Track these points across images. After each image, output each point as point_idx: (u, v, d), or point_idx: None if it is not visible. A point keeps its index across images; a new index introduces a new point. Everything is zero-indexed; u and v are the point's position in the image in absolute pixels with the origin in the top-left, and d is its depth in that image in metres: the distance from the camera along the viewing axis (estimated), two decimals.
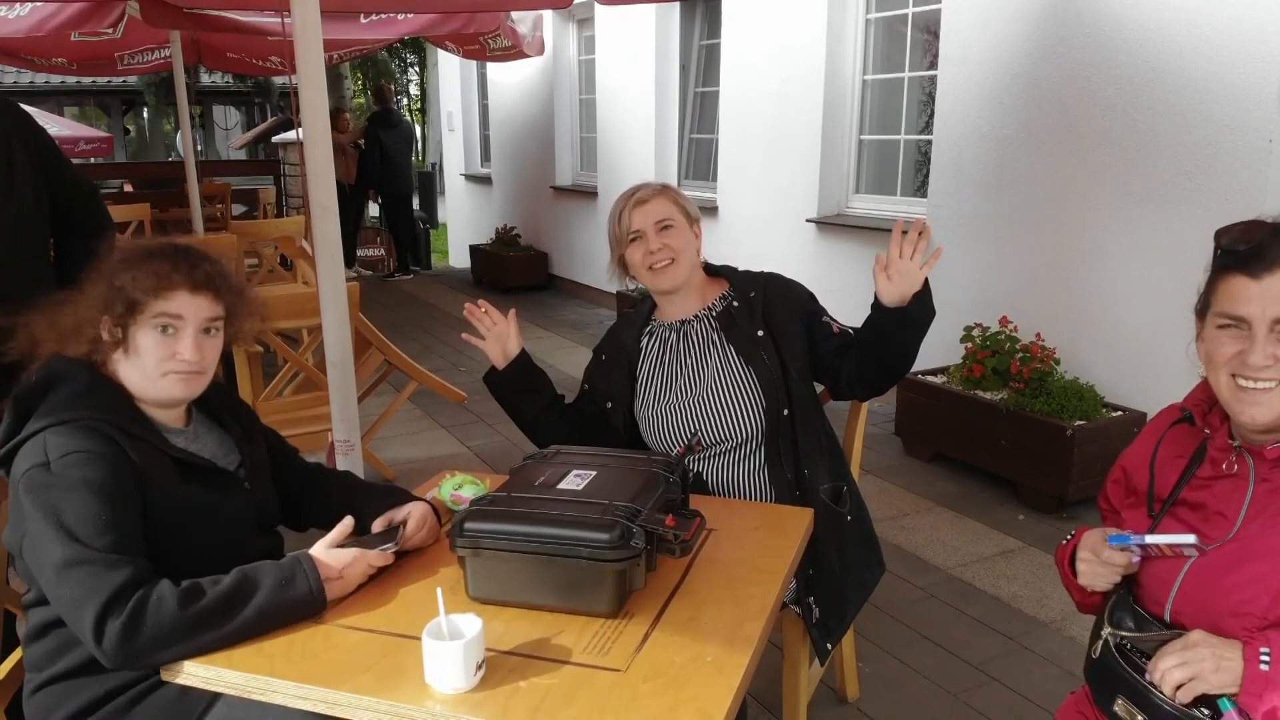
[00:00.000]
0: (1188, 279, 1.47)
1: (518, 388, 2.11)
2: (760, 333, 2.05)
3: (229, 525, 1.57)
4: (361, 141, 9.78)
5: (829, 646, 2.02)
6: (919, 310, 1.89)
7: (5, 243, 2.09)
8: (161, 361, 1.51)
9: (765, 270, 2.20)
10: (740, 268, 2.23)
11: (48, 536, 1.34)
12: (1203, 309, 1.38)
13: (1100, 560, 1.40)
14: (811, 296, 2.14)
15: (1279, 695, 1.17)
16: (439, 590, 1.30)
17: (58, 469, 1.38)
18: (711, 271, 2.19)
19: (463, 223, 11.85)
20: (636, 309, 2.24)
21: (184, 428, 1.61)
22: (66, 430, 1.41)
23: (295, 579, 1.39)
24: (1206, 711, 1.24)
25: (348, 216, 9.90)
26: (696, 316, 2.13)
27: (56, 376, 1.49)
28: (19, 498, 1.40)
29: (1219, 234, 1.36)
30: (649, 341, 2.17)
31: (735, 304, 2.10)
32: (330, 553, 1.48)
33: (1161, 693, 1.26)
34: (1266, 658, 1.19)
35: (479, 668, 1.24)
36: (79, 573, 1.31)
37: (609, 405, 2.14)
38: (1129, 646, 1.35)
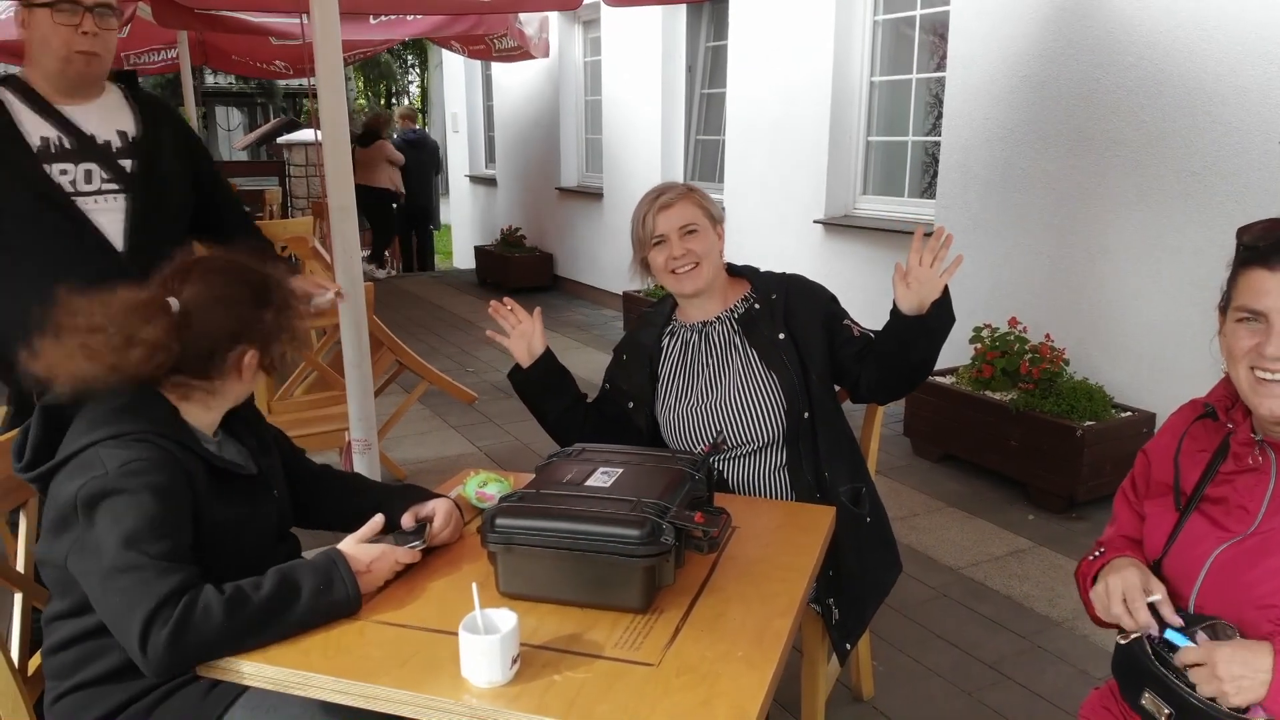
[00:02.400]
0: (1197, 280, 1.50)
1: (543, 386, 2.12)
2: (781, 335, 2.05)
3: (258, 532, 1.58)
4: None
5: (848, 647, 2.03)
6: (938, 318, 1.89)
7: (137, 227, 2.13)
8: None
9: (787, 271, 2.20)
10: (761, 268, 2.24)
11: (104, 541, 1.33)
12: (1225, 305, 1.40)
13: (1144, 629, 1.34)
14: (833, 299, 2.14)
15: None
16: (474, 585, 1.31)
17: (117, 475, 1.36)
18: (733, 272, 2.20)
19: (467, 224, 11.88)
20: (656, 309, 2.25)
21: (213, 438, 1.62)
22: (121, 443, 1.39)
23: (333, 583, 1.40)
24: (1229, 706, 1.26)
25: (386, 223, 10.34)
26: (718, 318, 2.13)
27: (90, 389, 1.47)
28: (67, 513, 1.38)
29: (1241, 231, 1.38)
30: (670, 342, 2.17)
31: (757, 306, 2.11)
32: (359, 547, 1.50)
33: (1187, 682, 1.28)
34: None
35: (514, 662, 1.25)
36: (128, 579, 1.31)
37: (630, 405, 2.15)
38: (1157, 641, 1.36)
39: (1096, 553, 1.52)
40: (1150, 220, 3.95)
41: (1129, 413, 3.93)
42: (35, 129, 2.08)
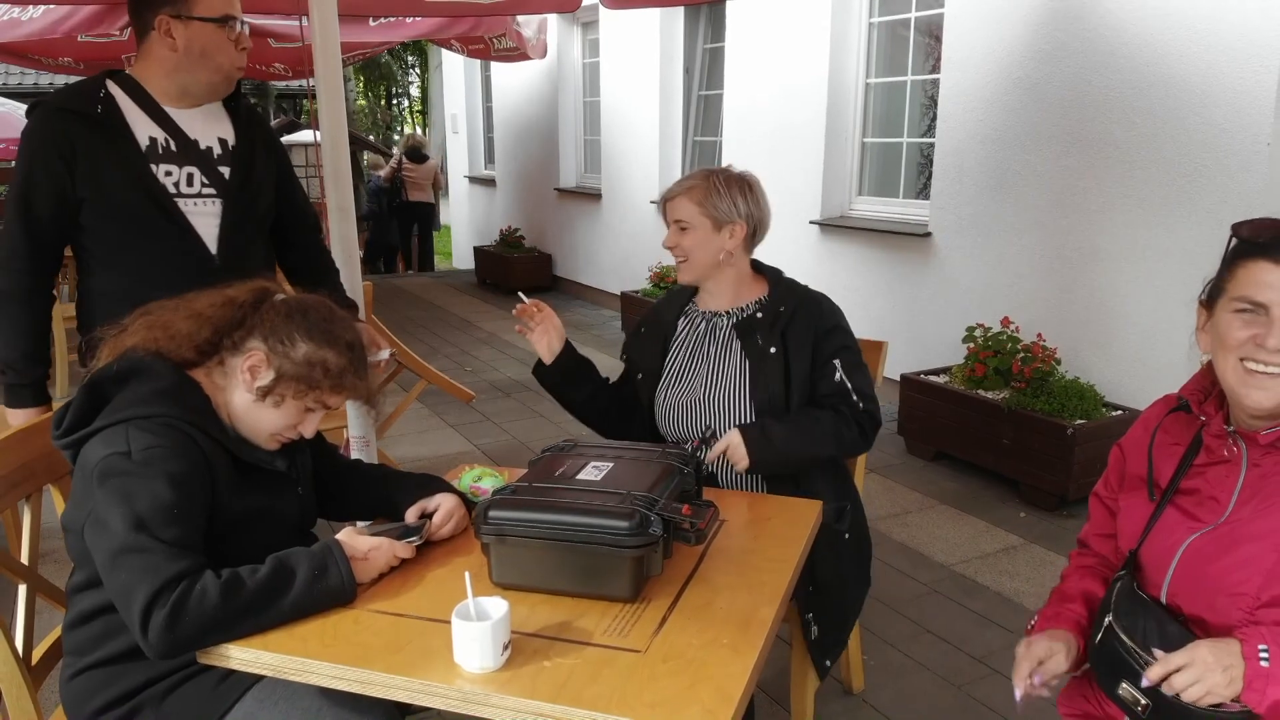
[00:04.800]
0: (1187, 280, 1.51)
1: (565, 378, 2.20)
2: (773, 349, 2.07)
3: (278, 528, 1.61)
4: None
5: (828, 664, 2.08)
6: (767, 465, 1.99)
7: (229, 232, 2.18)
8: (286, 428, 1.58)
9: (812, 288, 2.20)
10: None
11: (115, 520, 1.37)
12: (1212, 297, 1.40)
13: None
14: (835, 329, 2.11)
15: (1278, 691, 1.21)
16: (467, 574, 1.35)
17: (139, 459, 1.40)
18: (758, 270, 2.22)
19: (467, 224, 11.92)
20: (683, 288, 2.30)
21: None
22: (150, 425, 1.44)
23: (328, 569, 1.44)
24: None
25: (428, 234, 11.26)
26: (727, 313, 2.17)
27: (137, 369, 1.52)
28: (89, 481, 1.42)
29: (1238, 226, 1.37)
30: (684, 323, 2.23)
31: (759, 315, 2.13)
32: (358, 537, 1.54)
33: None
34: (1265, 654, 1.23)
35: (505, 648, 1.29)
36: (137, 559, 1.35)
37: (640, 377, 2.22)
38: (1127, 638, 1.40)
39: (1031, 623, 1.58)
40: (1141, 221, 3.99)
41: (1120, 411, 3.97)
42: (144, 129, 2.12)
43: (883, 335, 2.82)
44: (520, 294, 2.21)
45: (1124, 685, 1.39)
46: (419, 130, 19.86)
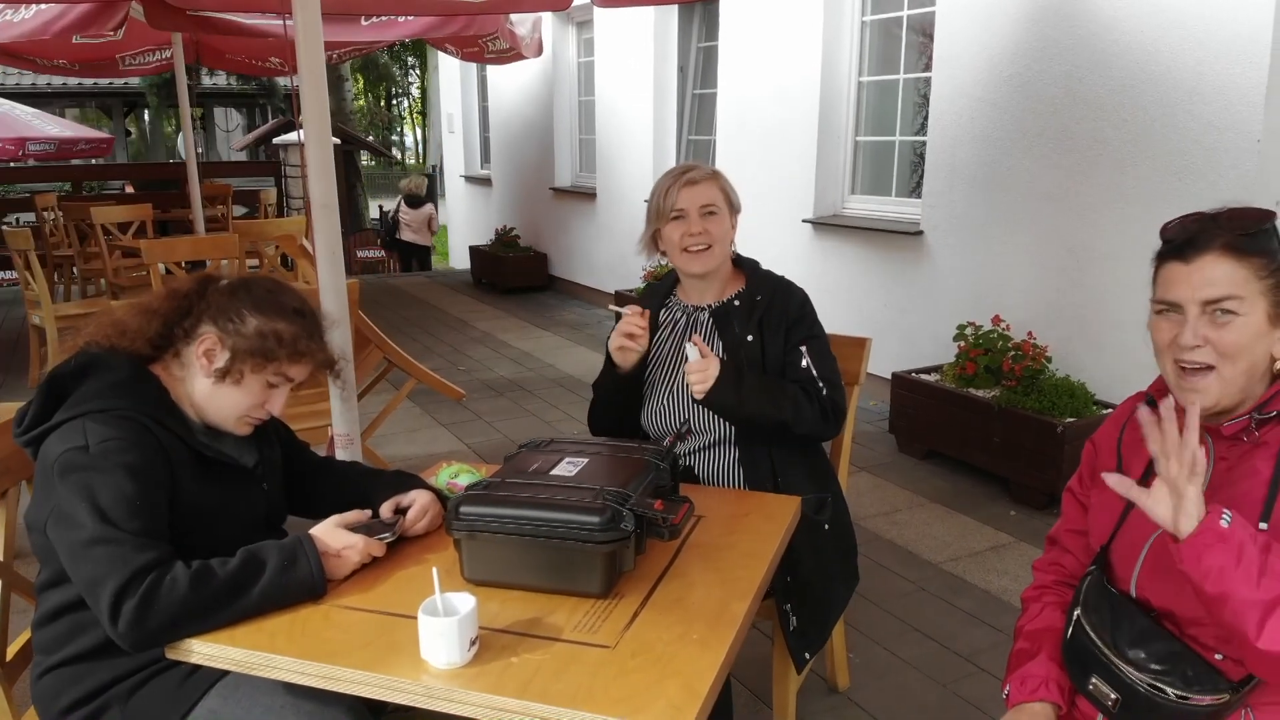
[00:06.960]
0: None
1: (627, 389, 2.17)
2: (750, 338, 2.08)
3: (242, 522, 1.61)
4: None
5: (807, 656, 2.06)
6: (719, 398, 1.95)
7: None
8: (253, 408, 1.59)
9: (784, 277, 2.21)
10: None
11: (79, 514, 1.37)
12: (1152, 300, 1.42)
13: None
14: (803, 319, 2.12)
15: (1220, 556, 1.17)
16: (434, 569, 1.35)
17: (96, 452, 1.41)
18: (736, 263, 2.22)
19: (463, 224, 11.92)
20: (661, 282, 2.30)
21: (208, 426, 1.65)
22: (107, 418, 1.44)
23: (297, 561, 1.43)
24: (1173, 693, 1.29)
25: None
26: (709, 305, 2.17)
27: (94, 363, 1.53)
28: (50, 477, 1.43)
29: (1163, 229, 1.41)
30: (665, 316, 2.23)
31: (736, 304, 2.13)
32: (332, 532, 1.53)
33: (1134, 669, 1.30)
34: (1227, 519, 1.18)
35: (472, 644, 1.28)
36: (104, 551, 1.35)
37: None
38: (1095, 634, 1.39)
39: (1005, 691, 1.52)
40: (1132, 218, 3.98)
41: (1110, 409, 3.96)
42: None
43: (874, 333, 2.81)
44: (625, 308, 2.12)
45: (1093, 680, 1.39)
46: (421, 164, 19.98)
